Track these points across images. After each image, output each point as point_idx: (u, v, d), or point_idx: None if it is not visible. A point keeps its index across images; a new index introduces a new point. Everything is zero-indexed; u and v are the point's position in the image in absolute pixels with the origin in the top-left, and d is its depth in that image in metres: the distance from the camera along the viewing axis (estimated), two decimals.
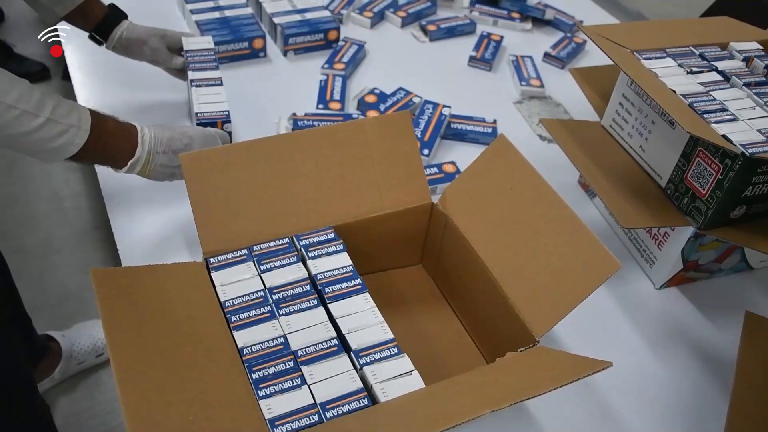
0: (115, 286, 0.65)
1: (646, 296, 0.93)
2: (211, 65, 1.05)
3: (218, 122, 0.96)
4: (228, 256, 0.75)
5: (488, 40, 1.43)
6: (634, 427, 0.77)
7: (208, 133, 0.92)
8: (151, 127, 0.86)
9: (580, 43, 1.45)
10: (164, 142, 0.85)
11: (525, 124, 1.22)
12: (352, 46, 1.33)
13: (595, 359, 0.62)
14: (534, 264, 0.71)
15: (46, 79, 2.50)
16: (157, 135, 0.85)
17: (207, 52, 1.07)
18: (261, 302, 0.71)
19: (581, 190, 1.08)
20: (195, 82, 1.01)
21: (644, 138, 0.92)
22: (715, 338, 0.88)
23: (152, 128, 0.86)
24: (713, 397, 0.81)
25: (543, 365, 0.65)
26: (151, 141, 0.84)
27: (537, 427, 0.75)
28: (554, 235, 0.71)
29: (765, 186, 0.82)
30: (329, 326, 0.70)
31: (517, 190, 0.76)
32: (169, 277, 0.71)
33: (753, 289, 0.95)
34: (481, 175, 0.81)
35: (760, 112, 0.85)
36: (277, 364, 0.66)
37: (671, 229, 0.88)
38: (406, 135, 0.84)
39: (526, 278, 0.72)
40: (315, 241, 0.78)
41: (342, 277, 0.75)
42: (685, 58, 0.94)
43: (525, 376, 0.63)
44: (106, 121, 0.82)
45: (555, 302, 0.68)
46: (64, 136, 0.76)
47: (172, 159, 0.86)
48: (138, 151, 0.83)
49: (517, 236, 0.74)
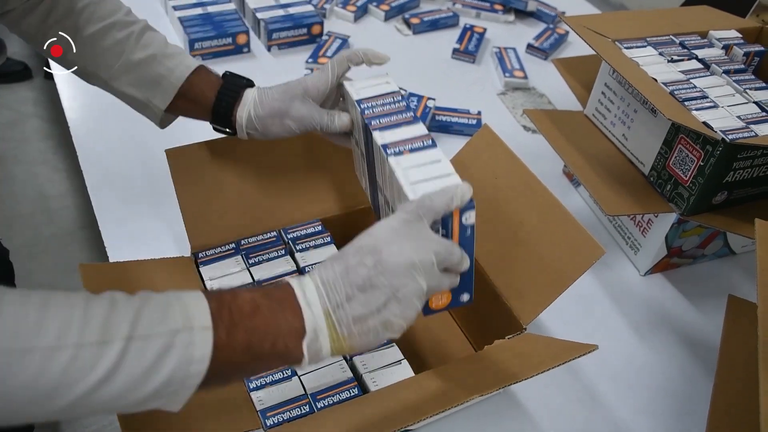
0: (104, 280, 0.66)
1: (632, 283, 0.94)
2: (406, 116, 0.66)
3: (455, 211, 0.55)
4: (216, 250, 0.76)
5: (471, 32, 1.43)
6: (622, 411, 0.78)
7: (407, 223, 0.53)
8: (311, 273, 0.52)
9: (562, 34, 1.46)
10: (339, 282, 0.50)
11: (509, 115, 1.23)
12: (336, 41, 1.33)
13: (581, 343, 0.62)
14: (520, 252, 0.72)
15: (28, 78, 2.48)
16: (325, 278, 0.51)
17: (391, 98, 0.68)
18: None
19: (566, 180, 1.09)
20: (390, 147, 0.62)
21: (627, 126, 0.93)
22: (700, 322, 0.89)
23: (314, 274, 0.51)
24: (699, 380, 0.82)
25: (530, 351, 0.66)
26: (320, 295, 0.50)
27: (526, 414, 0.76)
28: (539, 223, 0.72)
29: (746, 171, 0.83)
30: None
31: (502, 179, 0.77)
32: (157, 271, 0.71)
33: (735, 274, 0.97)
34: (467, 165, 0.81)
35: (740, 98, 0.86)
36: None
37: (655, 215, 0.89)
38: None
39: (512, 266, 0.72)
40: (303, 234, 0.78)
41: None
42: (666, 47, 0.95)
43: (513, 362, 0.64)
44: (234, 298, 0.49)
45: (541, 289, 0.69)
46: (170, 355, 0.44)
47: (368, 301, 0.50)
48: (308, 320, 0.49)
49: (503, 225, 0.75)
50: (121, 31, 0.73)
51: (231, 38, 1.26)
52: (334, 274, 0.50)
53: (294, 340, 0.48)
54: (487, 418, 0.74)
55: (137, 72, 0.73)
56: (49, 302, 0.42)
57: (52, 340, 0.40)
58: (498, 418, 0.75)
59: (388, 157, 0.60)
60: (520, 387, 0.77)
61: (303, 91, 0.71)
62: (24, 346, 0.40)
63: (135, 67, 0.73)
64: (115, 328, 0.42)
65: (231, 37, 1.26)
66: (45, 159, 2.14)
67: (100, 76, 0.74)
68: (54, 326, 0.41)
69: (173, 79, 0.73)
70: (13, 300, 0.41)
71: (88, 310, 0.42)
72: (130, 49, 0.73)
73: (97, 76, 0.74)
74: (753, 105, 0.85)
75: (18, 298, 0.41)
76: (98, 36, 0.72)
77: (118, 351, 0.42)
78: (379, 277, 0.50)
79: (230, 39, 1.26)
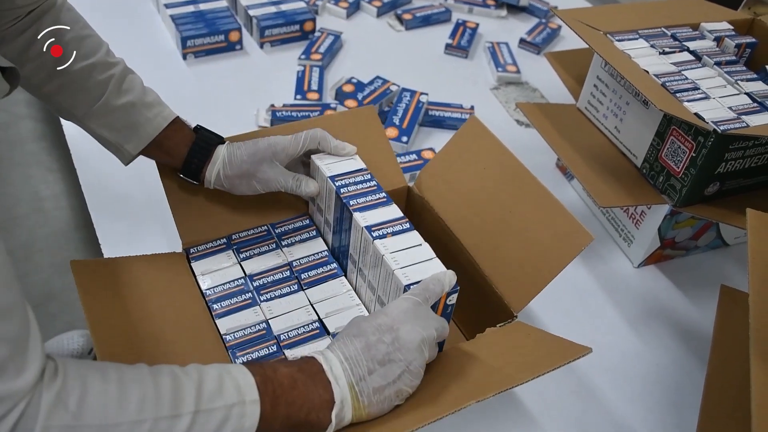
0: (96, 277, 0.66)
1: (625, 275, 0.94)
2: (380, 197, 0.72)
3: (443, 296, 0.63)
4: (207, 245, 0.76)
5: (464, 27, 1.43)
6: (616, 403, 0.78)
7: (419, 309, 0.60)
8: (332, 348, 0.58)
9: (555, 29, 1.46)
10: (361, 357, 0.57)
11: (502, 109, 1.23)
12: (329, 37, 1.33)
13: (575, 344, 0.62)
14: (510, 241, 0.72)
15: None
16: (347, 353, 0.57)
17: (361, 176, 0.74)
18: (242, 289, 0.72)
19: (559, 173, 1.10)
20: (374, 230, 0.68)
21: (619, 119, 0.94)
22: (693, 314, 0.89)
23: (335, 350, 0.58)
24: (693, 371, 0.82)
25: (523, 345, 0.66)
26: (345, 369, 0.56)
27: (520, 406, 0.76)
28: (528, 212, 0.72)
29: (738, 162, 0.83)
30: (310, 310, 0.71)
31: (490, 169, 0.77)
32: (149, 267, 0.71)
33: (728, 265, 0.97)
34: (455, 157, 0.81)
35: (731, 90, 0.86)
36: (261, 349, 0.67)
37: (648, 207, 0.90)
38: (374, 126, 0.85)
39: (502, 255, 0.73)
40: (290, 228, 0.78)
41: (318, 262, 0.75)
42: (658, 39, 0.95)
43: (507, 359, 0.64)
44: (275, 373, 0.55)
45: (532, 277, 0.69)
46: (227, 426, 0.51)
47: (386, 374, 0.56)
48: (336, 393, 0.55)
49: (492, 214, 0.75)
50: (102, 73, 0.72)
51: (223, 35, 1.26)
52: (356, 351, 0.57)
53: (325, 411, 0.55)
54: (482, 412, 0.75)
55: (114, 116, 0.73)
56: (124, 378, 0.49)
57: (134, 414, 0.47)
58: (492, 411, 0.75)
59: (374, 240, 0.67)
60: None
61: (272, 155, 0.74)
62: (112, 422, 0.46)
63: (113, 111, 0.73)
64: (183, 402, 0.49)
65: (223, 34, 1.26)
66: (39, 160, 2.14)
67: (75, 114, 0.73)
68: (134, 402, 0.47)
69: (150, 129, 0.74)
70: (94, 377, 0.47)
71: (158, 387, 0.49)
72: (111, 94, 0.72)
73: (71, 113, 0.74)
74: (744, 96, 0.85)
75: (99, 374, 0.48)
76: (78, 76, 0.71)
77: (187, 423, 0.49)
78: (396, 353, 0.57)
79: (223, 36, 1.26)
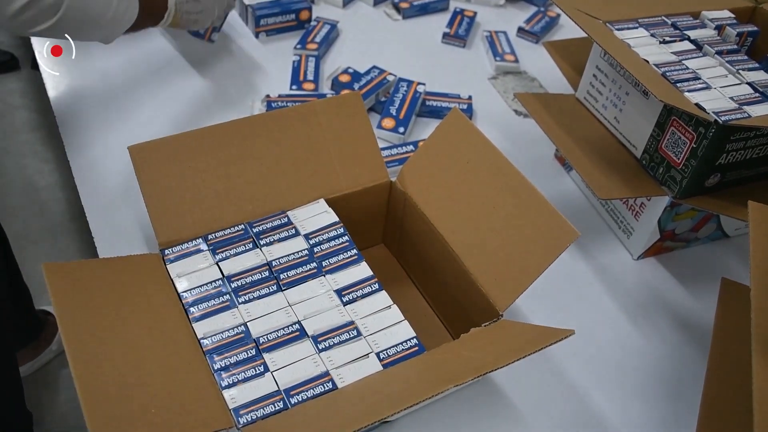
0: (70, 280, 0.64)
1: (625, 267, 0.93)
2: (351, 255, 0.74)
3: None
4: (183, 246, 0.73)
5: (461, 16, 1.41)
6: (614, 396, 0.77)
7: None
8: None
9: (553, 17, 1.44)
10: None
11: (500, 99, 1.22)
12: (325, 26, 1.32)
13: (558, 328, 0.61)
14: (494, 238, 0.71)
15: (15, 69, 2.46)
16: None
17: (335, 230, 0.76)
18: (219, 291, 0.70)
19: (558, 164, 1.08)
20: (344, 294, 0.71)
21: (618, 109, 0.92)
22: (693, 306, 0.88)
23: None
24: (693, 364, 0.81)
25: (506, 338, 0.65)
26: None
27: (511, 404, 0.75)
28: (512, 208, 0.71)
29: (738, 153, 0.82)
30: (290, 311, 0.69)
31: (473, 163, 0.76)
32: (124, 270, 0.69)
33: (729, 257, 0.96)
34: (438, 151, 0.79)
35: (733, 80, 0.85)
36: (239, 353, 0.65)
37: (647, 199, 0.88)
38: (359, 115, 0.83)
39: (487, 253, 0.71)
40: (269, 227, 0.76)
41: (297, 261, 0.73)
42: (657, 28, 0.93)
43: (489, 350, 0.63)
44: None
45: (517, 275, 0.68)
46: (129, 9, 0.89)
47: (195, 5, 1.00)
48: (169, 3, 0.97)
49: (476, 210, 0.73)
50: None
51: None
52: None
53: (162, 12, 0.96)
54: (476, 413, 0.74)
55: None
56: None
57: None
58: (487, 412, 0.74)
59: (345, 305, 0.69)
60: (507, 378, 0.76)
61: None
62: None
63: None
64: None
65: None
66: (34, 150, 2.12)
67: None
68: None
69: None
70: None
71: None
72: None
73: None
74: (746, 86, 0.84)
75: None
76: None
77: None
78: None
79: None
